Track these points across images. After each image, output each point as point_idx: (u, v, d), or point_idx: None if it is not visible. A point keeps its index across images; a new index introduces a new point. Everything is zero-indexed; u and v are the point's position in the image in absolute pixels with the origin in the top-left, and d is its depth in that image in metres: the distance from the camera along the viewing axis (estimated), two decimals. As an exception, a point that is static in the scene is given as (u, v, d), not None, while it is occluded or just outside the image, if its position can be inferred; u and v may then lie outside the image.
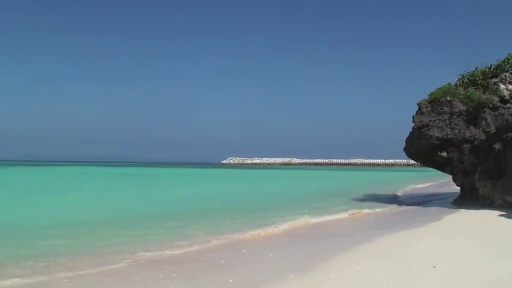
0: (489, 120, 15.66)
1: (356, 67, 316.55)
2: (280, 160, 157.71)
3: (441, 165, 17.47)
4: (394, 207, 16.71)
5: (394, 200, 19.92)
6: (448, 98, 16.69)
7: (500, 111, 15.58)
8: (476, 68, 17.97)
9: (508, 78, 16.39)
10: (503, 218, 12.32)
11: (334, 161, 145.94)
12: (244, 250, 8.76)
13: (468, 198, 16.31)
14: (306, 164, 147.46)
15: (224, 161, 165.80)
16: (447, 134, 16.38)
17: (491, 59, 17.84)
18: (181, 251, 8.75)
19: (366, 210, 15.83)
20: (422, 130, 16.88)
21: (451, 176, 17.78)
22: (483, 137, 15.70)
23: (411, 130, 18.03)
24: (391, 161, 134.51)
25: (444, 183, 31.79)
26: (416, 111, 17.42)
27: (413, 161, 21.70)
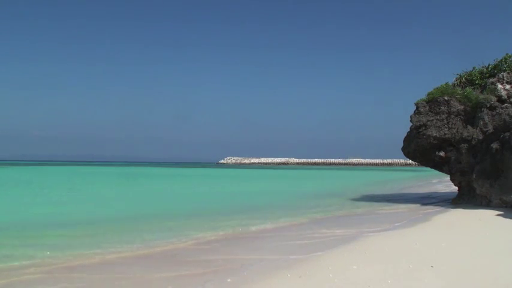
0: (486, 120, 15.69)
1: (354, 67, 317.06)
2: (278, 160, 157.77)
3: (439, 165, 17.49)
4: (391, 207, 16.72)
5: (391, 199, 19.93)
6: (446, 98, 16.71)
7: (497, 111, 15.61)
8: (473, 68, 18.02)
9: (505, 78, 16.42)
10: (500, 217, 12.35)
11: (332, 160, 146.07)
12: (241, 249, 8.75)
13: (466, 198, 16.34)
14: (303, 163, 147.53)
15: (222, 161, 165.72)
16: (445, 134, 16.41)
17: (489, 59, 17.92)
18: (178, 250, 8.74)
19: (363, 210, 15.83)
20: (420, 130, 16.90)
21: (448, 176, 17.81)
22: (481, 137, 15.72)
23: (409, 130, 18.05)
24: (389, 160, 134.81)
25: (442, 182, 31.87)
26: (414, 111, 17.44)
27: (411, 161, 21.74)
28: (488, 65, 17.64)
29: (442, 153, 16.69)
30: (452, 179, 17.43)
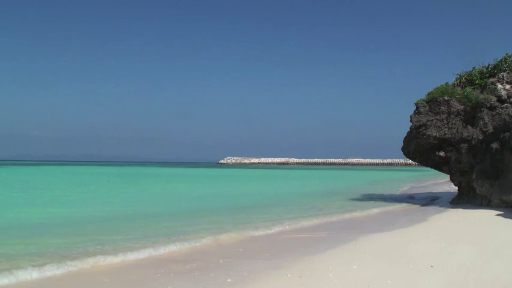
0: (486, 119, 15.69)
1: (355, 67, 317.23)
2: (278, 160, 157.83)
3: (439, 165, 17.49)
4: (391, 207, 16.72)
5: (391, 199, 19.93)
6: (446, 98, 16.70)
7: (497, 111, 15.60)
8: (473, 68, 18.01)
9: (505, 78, 16.42)
10: (500, 217, 12.35)
11: (332, 160, 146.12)
12: (241, 250, 8.75)
13: (466, 198, 16.34)
14: (303, 163, 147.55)
15: (222, 161, 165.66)
16: (445, 134, 16.40)
17: (489, 59, 17.92)
18: (178, 251, 8.73)
19: (363, 210, 15.82)
20: (420, 130, 16.89)
21: (448, 176, 17.80)
22: (480, 137, 15.72)
23: (409, 130, 18.05)
24: (389, 160, 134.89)
25: (442, 182, 31.87)
26: (414, 111, 17.43)
27: (411, 161, 21.73)
28: (488, 65, 17.63)
29: (442, 153, 16.69)
30: (452, 179, 17.42)
